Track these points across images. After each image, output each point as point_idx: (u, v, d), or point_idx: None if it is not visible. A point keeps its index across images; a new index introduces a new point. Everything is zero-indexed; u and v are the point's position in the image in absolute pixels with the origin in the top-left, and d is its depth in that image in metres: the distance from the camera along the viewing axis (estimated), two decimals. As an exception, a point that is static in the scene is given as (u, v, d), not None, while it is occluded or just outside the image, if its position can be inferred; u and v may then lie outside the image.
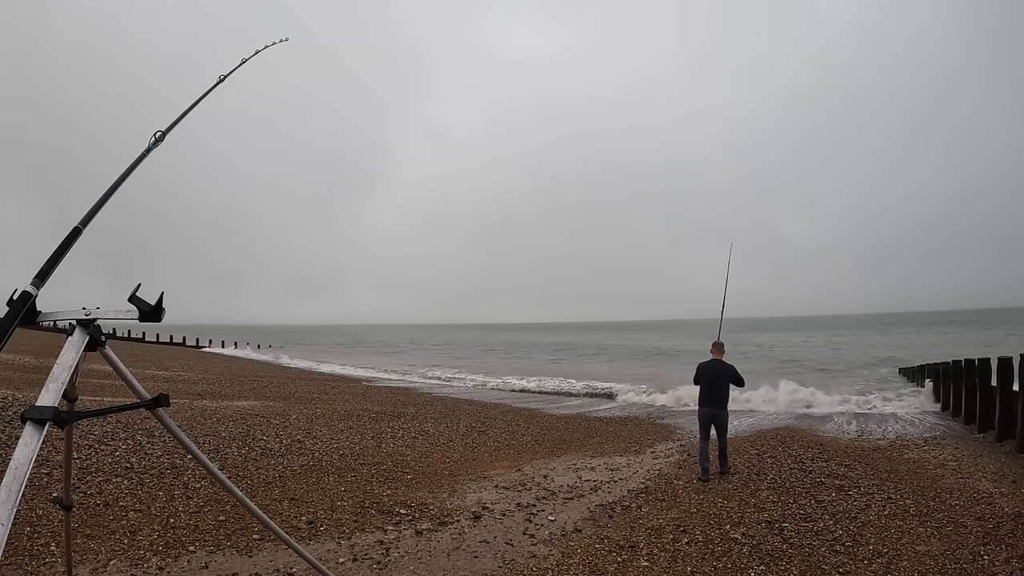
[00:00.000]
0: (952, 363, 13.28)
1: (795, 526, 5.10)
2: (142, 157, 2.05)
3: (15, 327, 1.57)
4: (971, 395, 11.22)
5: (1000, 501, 5.96)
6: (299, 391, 16.59)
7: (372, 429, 9.75)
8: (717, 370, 7.16)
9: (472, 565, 4.16)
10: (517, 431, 10.78)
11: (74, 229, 1.77)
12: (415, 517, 5.17)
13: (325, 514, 5.10)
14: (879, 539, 4.79)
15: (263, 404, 12.18)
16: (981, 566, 4.27)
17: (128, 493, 5.13)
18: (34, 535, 4.06)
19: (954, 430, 11.34)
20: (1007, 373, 9.40)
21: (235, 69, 2.53)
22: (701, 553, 4.46)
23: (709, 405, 7.12)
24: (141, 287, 1.74)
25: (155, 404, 1.89)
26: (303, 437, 8.32)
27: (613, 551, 4.46)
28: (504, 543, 4.62)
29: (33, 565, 3.68)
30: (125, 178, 1.97)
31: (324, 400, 14.44)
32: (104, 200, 1.87)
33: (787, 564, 4.26)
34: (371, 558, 4.18)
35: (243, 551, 4.17)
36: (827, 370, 28.44)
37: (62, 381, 1.56)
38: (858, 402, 16.32)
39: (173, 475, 5.70)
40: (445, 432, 10.06)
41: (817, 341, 55.68)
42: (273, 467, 6.54)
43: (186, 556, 4.04)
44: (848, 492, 6.27)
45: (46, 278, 1.67)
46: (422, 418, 11.68)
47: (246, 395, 14.28)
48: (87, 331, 1.67)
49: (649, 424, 12.68)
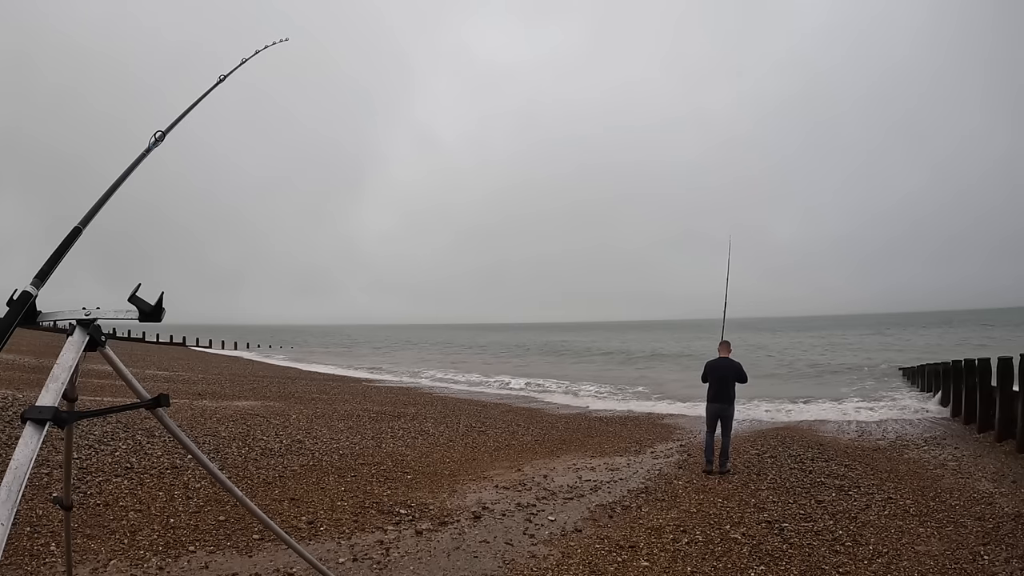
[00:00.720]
0: (952, 363, 13.28)
1: (795, 526, 5.10)
2: (142, 157, 2.05)
3: (15, 327, 1.57)
4: (971, 395, 11.22)
5: (1000, 501, 5.96)
6: (299, 391, 16.59)
7: (372, 429, 9.74)
8: (725, 368, 7.49)
9: (472, 565, 4.16)
10: (517, 431, 10.78)
11: (74, 229, 1.77)
12: (415, 517, 5.17)
13: (325, 514, 5.10)
14: (879, 539, 4.79)
15: (263, 404, 12.18)
16: (981, 566, 4.27)
17: (128, 493, 5.13)
18: (34, 535, 4.06)
19: (954, 430, 11.33)
20: (1007, 373, 9.41)
21: (235, 69, 2.52)
22: (701, 553, 4.46)
23: (718, 401, 7.43)
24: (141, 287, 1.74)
25: (155, 404, 1.89)
26: (303, 437, 8.32)
27: (613, 551, 4.46)
28: (504, 543, 4.61)
29: (33, 565, 3.68)
30: (125, 178, 1.97)
31: (324, 400, 14.44)
32: (104, 200, 1.87)
33: (787, 564, 4.26)
34: (371, 558, 4.18)
35: (243, 551, 4.17)
36: (826, 370, 28.44)
37: (62, 381, 1.56)
38: (858, 402, 16.31)
39: (173, 475, 5.70)
40: (445, 432, 10.06)
41: (816, 341, 55.70)
42: (273, 467, 6.54)
43: (186, 556, 4.03)
44: (848, 492, 6.27)
45: (46, 278, 1.67)
46: (422, 418, 11.68)
47: (246, 395, 14.28)
48: (87, 331, 1.67)
49: (649, 424, 12.67)
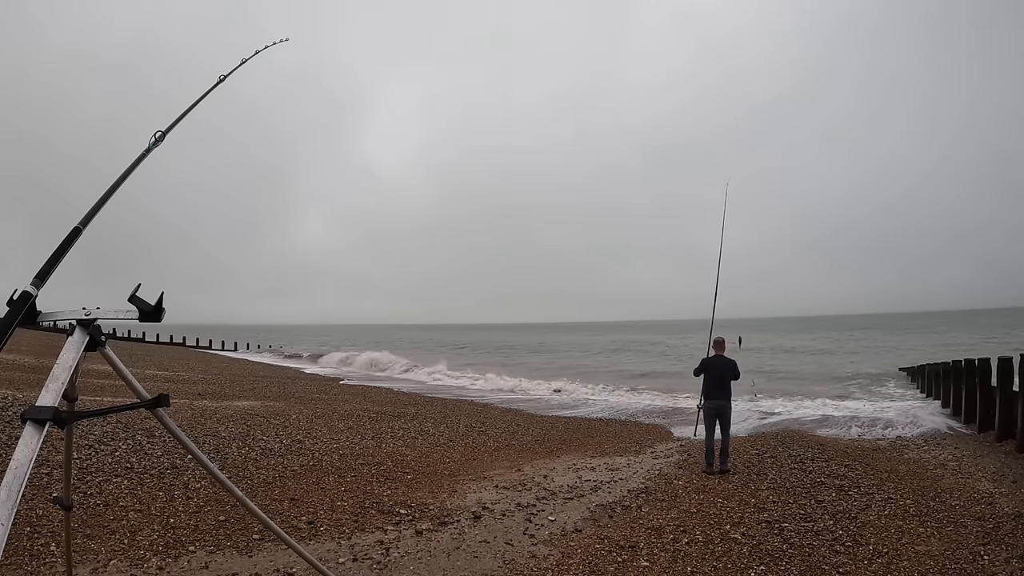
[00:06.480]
0: (952, 363, 13.29)
1: (795, 526, 5.10)
2: (142, 157, 2.05)
3: (15, 327, 1.57)
4: (971, 395, 11.22)
5: (1000, 501, 5.96)
6: (299, 391, 16.59)
7: (372, 429, 9.74)
8: (721, 365, 7.52)
9: (472, 565, 4.16)
10: (517, 431, 10.78)
11: (74, 229, 1.77)
12: (415, 517, 5.17)
13: (325, 514, 5.10)
14: (879, 539, 4.79)
15: (263, 404, 12.18)
16: (981, 566, 4.27)
17: (128, 493, 5.13)
18: (34, 535, 4.06)
19: (954, 430, 11.34)
20: (1007, 373, 9.40)
21: (235, 69, 2.52)
22: (701, 553, 4.46)
23: (716, 398, 7.46)
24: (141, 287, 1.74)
25: (155, 404, 1.89)
26: (303, 437, 8.32)
27: (613, 551, 4.46)
28: (504, 543, 4.61)
29: (33, 565, 3.68)
30: (125, 178, 1.97)
31: (324, 400, 14.44)
32: (104, 200, 1.87)
33: (787, 564, 4.26)
34: (371, 558, 4.18)
35: (243, 551, 4.17)
36: (826, 370, 28.45)
37: (62, 381, 1.56)
38: (858, 402, 16.31)
39: (173, 475, 5.70)
40: (445, 432, 10.06)
41: (814, 341, 55.69)
42: (273, 467, 6.54)
43: (186, 556, 4.04)
44: (848, 492, 6.27)
45: (46, 278, 1.67)
46: (422, 418, 11.68)
47: (246, 395, 14.28)
48: (87, 331, 1.67)
49: (649, 424, 12.68)
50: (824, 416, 14.14)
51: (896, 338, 55.64)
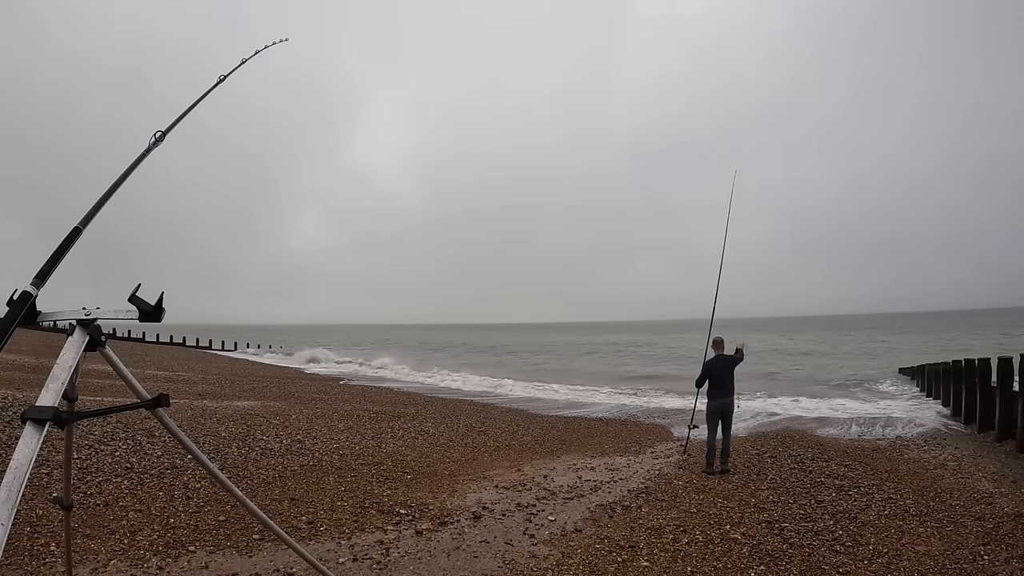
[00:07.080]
0: (952, 363, 13.30)
1: (795, 526, 5.10)
2: (142, 157, 2.05)
3: (15, 327, 1.57)
4: (971, 395, 11.22)
5: (1000, 501, 5.96)
6: (299, 391, 16.59)
7: (372, 429, 9.74)
8: (723, 366, 7.53)
9: (472, 565, 4.16)
10: (517, 431, 10.78)
11: (74, 229, 1.77)
12: (415, 517, 5.17)
13: (325, 514, 5.10)
14: (879, 539, 4.79)
15: (263, 404, 12.17)
16: (981, 566, 4.27)
17: (128, 493, 5.13)
18: (34, 535, 4.06)
19: (954, 430, 11.34)
20: (1007, 373, 9.41)
21: (235, 69, 2.53)
22: (701, 553, 4.46)
23: (720, 397, 7.46)
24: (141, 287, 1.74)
25: (155, 404, 1.89)
26: (303, 437, 8.32)
27: (613, 551, 4.46)
28: (504, 543, 4.61)
29: (33, 565, 3.68)
30: (125, 178, 1.97)
31: (324, 400, 14.44)
32: (104, 200, 1.87)
33: (787, 564, 4.26)
34: (371, 558, 4.18)
35: (243, 551, 4.17)
36: (826, 370, 28.45)
37: (62, 381, 1.56)
38: (858, 402, 16.31)
39: (173, 475, 5.70)
40: (445, 432, 10.06)
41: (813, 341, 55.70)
42: (273, 467, 6.54)
43: (186, 556, 4.04)
44: (848, 492, 6.27)
45: (46, 278, 1.67)
46: (422, 418, 11.68)
47: (246, 395, 14.28)
48: (87, 331, 1.67)
49: (649, 424, 12.68)
50: (824, 416, 14.15)
51: (895, 338, 55.68)
